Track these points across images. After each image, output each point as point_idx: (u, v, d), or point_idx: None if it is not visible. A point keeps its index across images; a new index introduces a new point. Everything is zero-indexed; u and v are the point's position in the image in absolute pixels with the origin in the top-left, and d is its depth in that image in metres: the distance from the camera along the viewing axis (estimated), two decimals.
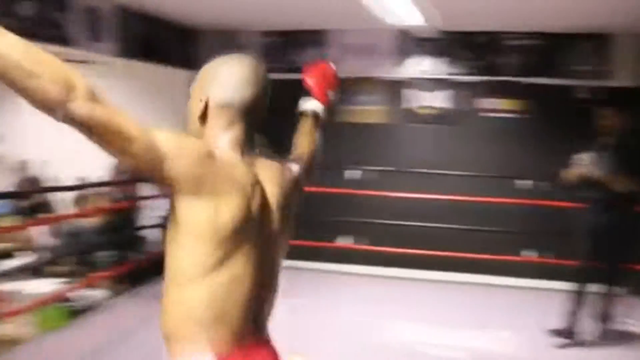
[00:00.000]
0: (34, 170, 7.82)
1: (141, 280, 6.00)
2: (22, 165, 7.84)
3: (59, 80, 1.30)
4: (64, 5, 4.90)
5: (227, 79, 1.67)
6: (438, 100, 6.52)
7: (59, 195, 7.64)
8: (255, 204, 1.59)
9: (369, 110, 6.67)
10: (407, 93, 6.57)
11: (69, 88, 1.31)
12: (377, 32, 6.50)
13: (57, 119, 1.32)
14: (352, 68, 6.60)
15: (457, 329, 4.85)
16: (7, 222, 7.10)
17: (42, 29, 4.71)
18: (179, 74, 6.99)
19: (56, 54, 1.34)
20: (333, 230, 6.63)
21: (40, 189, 7.68)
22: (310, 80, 2.19)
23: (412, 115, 6.59)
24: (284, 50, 6.82)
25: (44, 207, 7.47)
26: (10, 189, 7.46)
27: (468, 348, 4.52)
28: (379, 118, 6.66)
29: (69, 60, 5.32)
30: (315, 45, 6.72)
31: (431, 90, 6.53)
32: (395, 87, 6.60)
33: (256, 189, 1.61)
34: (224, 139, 1.63)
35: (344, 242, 6.59)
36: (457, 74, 6.45)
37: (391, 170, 6.45)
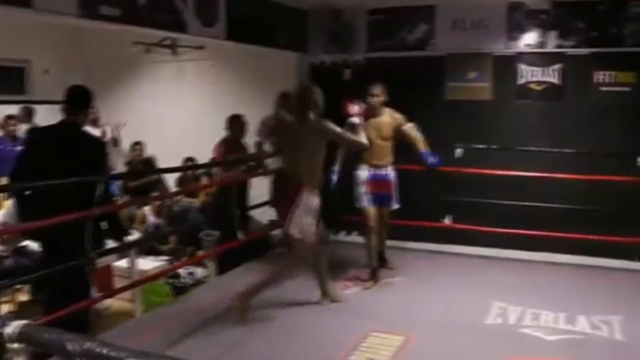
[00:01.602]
0: (145, 151, 8.21)
1: (245, 259, 6.04)
2: (135, 147, 8.22)
3: None
4: None
5: None
6: (549, 75, 6.26)
7: (168, 175, 8.06)
8: (291, 135, 4.52)
9: (477, 87, 6.47)
10: (516, 68, 6.31)
11: None
12: (487, 6, 6.30)
13: None
14: (460, 44, 6.46)
15: (563, 313, 4.61)
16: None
17: (158, 15, 4.86)
18: (287, 55, 7.15)
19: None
20: (439, 210, 6.49)
21: (147, 170, 8.06)
22: (352, 108, 4.75)
23: (522, 91, 6.33)
24: (391, 28, 6.71)
25: (156, 186, 7.87)
26: (124, 168, 7.91)
27: (573, 332, 4.30)
28: (487, 95, 6.45)
29: (187, 47, 5.70)
30: (423, 22, 6.59)
31: (542, 65, 6.23)
32: (504, 63, 6.35)
33: (294, 129, 4.50)
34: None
35: (448, 221, 6.48)
36: (569, 47, 6.13)
37: (499, 148, 6.24)
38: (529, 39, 6.27)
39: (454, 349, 4.04)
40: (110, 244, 5.08)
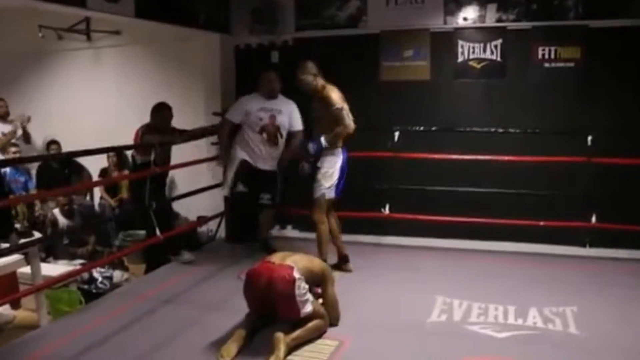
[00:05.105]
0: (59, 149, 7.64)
1: (166, 259, 5.57)
2: (51, 147, 7.65)
3: None
4: None
5: None
6: (489, 51, 5.87)
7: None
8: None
9: (414, 66, 6.04)
10: (455, 45, 5.91)
11: None
12: None
13: None
14: (395, 20, 6.02)
15: (512, 306, 4.24)
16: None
17: None
18: (210, 37, 6.57)
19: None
20: (376, 199, 6.02)
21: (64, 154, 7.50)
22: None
23: (462, 70, 5.92)
24: (320, 5, 6.25)
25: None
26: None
27: (525, 327, 3.92)
28: (425, 74, 6.03)
29: (102, 31, 5.08)
30: None
31: (481, 40, 5.85)
32: (442, 39, 5.95)
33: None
34: None
35: (386, 211, 6.02)
36: (510, 21, 5.77)
37: (439, 130, 5.87)
38: (466, 13, 5.88)
39: (393, 352, 3.59)
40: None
